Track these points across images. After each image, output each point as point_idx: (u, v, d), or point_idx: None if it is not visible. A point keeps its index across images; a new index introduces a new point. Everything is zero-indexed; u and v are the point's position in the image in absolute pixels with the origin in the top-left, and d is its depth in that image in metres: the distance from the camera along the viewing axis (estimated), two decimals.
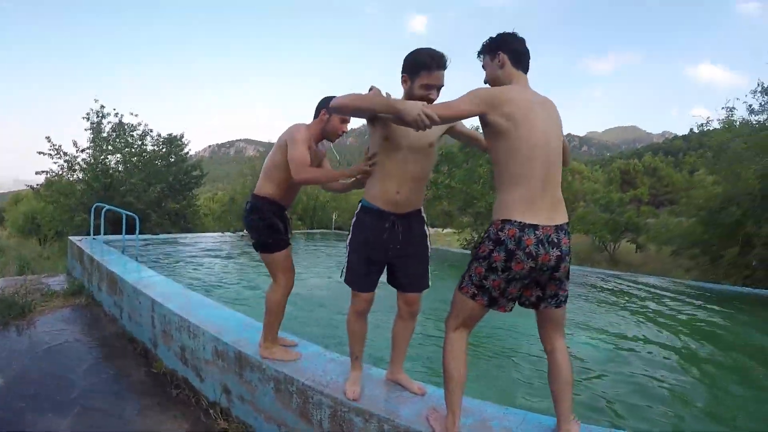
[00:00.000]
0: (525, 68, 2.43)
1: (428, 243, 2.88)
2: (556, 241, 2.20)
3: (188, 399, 3.82)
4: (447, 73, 2.54)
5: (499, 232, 2.20)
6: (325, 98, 3.16)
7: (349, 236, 2.80)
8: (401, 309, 2.86)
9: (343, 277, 2.79)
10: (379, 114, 2.48)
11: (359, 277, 2.74)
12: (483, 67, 2.52)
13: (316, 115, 3.22)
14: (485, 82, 2.50)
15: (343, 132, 3.24)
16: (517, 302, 2.40)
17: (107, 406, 3.70)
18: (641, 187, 38.64)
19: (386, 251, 2.71)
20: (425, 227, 2.87)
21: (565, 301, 2.38)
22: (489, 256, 2.22)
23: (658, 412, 4.20)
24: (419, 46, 2.72)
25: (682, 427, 3.98)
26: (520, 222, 2.18)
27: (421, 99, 2.46)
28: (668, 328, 7.41)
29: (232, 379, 3.41)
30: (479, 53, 2.52)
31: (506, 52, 2.41)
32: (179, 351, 4.09)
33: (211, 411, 3.57)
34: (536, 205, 2.21)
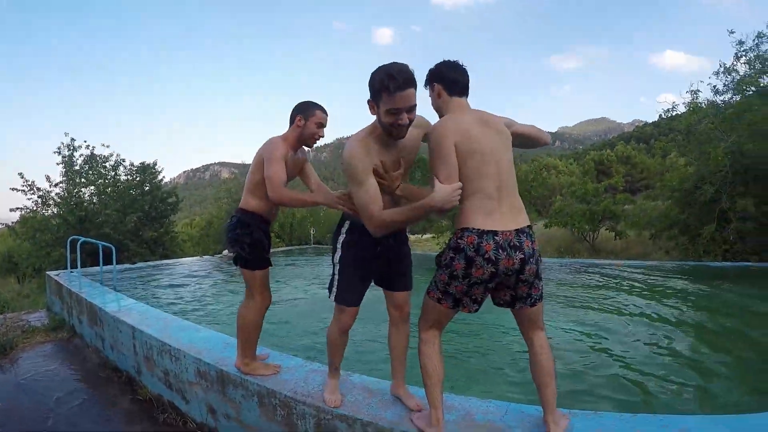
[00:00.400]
0: (461, 93, 2.50)
1: (408, 244, 2.95)
2: (518, 244, 2.27)
3: (175, 422, 3.85)
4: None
5: (459, 240, 2.28)
6: (300, 104, 3.16)
7: (338, 254, 2.75)
8: (392, 315, 2.86)
9: (332, 296, 2.76)
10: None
11: (351, 294, 2.73)
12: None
13: (291, 122, 3.17)
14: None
15: (320, 137, 3.18)
16: (493, 302, 2.49)
17: None
18: (616, 176, 39.13)
19: (381, 265, 2.75)
20: (405, 230, 2.91)
21: (540, 299, 2.44)
22: (450, 264, 2.30)
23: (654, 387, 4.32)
24: (388, 59, 2.60)
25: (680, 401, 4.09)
26: (479, 229, 2.26)
27: (391, 126, 2.32)
28: (654, 308, 7.59)
29: (216, 399, 3.44)
30: (424, 85, 2.57)
31: (440, 82, 2.50)
32: (162, 375, 4.11)
33: None
34: (494, 214, 2.29)
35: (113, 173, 19.05)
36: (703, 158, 17.16)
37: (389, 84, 2.20)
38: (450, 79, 2.49)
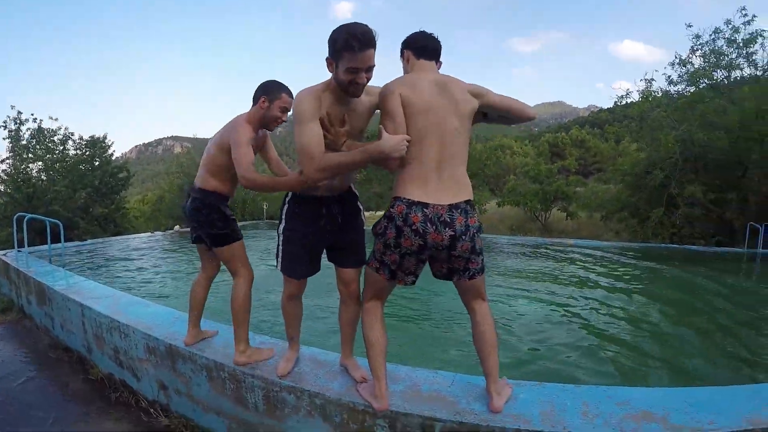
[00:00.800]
0: (430, 56, 2.50)
1: (363, 218, 2.90)
2: (449, 220, 2.25)
3: (128, 400, 3.80)
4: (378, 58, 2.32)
5: (391, 209, 2.31)
6: (266, 84, 3.04)
7: (282, 225, 2.75)
8: (340, 291, 2.85)
9: (278, 266, 2.76)
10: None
11: (297, 265, 2.73)
12: None
13: (254, 101, 3.02)
14: None
15: (283, 121, 3.07)
16: (432, 274, 2.51)
17: (47, 416, 3.62)
18: (569, 159, 40.02)
19: (325, 237, 2.72)
20: (358, 203, 2.88)
21: (480, 272, 2.43)
22: (384, 233, 2.33)
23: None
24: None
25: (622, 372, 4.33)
26: (408, 199, 2.26)
27: (349, 83, 2.32)
28: (603, 286, 7.95)
29: (167, 374, 3.42)
30: (401, 57, 2.59)
31: (410, 49, 2.52)
32: (113, 353, 4.05)
33: (151, 410, 3.57)
34: (429, 185, 2.28)
35: (62, 148, 18.58)
36: (654, 145, 18.01)
37: (353, 43, 2.20)
38: (419, 45, 2.51)
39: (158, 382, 3.54)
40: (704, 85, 17.61)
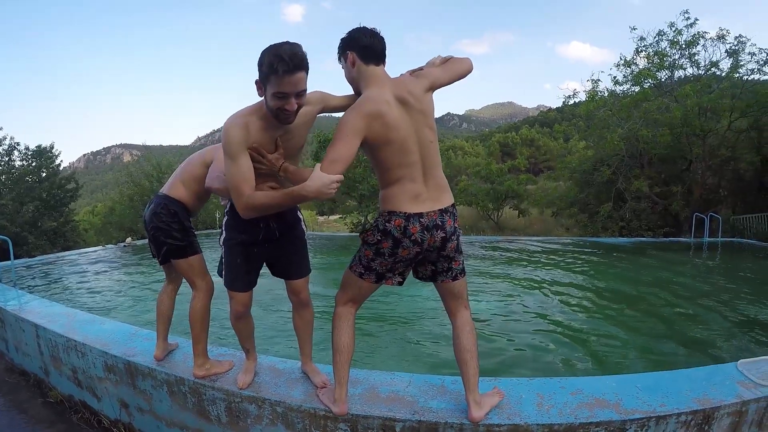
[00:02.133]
0: (377, 60, 2.34)
1: (303, 227, 2.87)
2: (440, 223, 2.32)
3: (90, 421, 3.74)
4: (324, 67, 2.08)
5: (387, 223, 2.30)
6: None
7: (223, 236, 2.68)
8: (292, 301, 2.88)
9: (223, 279, 2.71)
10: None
11: (236, 279, 2.65)
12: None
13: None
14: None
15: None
16: (414, 276, 2.56)
17: None
18: (519, 158, 40.86)
19: (264, 249, 2.67)
20: (298, 212, 2.85)
21: (462, 273, 2.49)
22: (378, 243, 2.33)
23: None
24: (298, 37, 2.19)
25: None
26: (406, 213, 2.28)
27: (278, 110, 2.18)
28: (557, 280, 8.24)
29: (127, 392, 3.40)
30: (338, 59, 2.44)
31: (353, 49, 2.34)
32: (71, 374, 3.99)
33: (113, 429, 3.54)
34: (420, 196, 2.32)
35: (7, 159, 18.00)
36: (601, 143, 18.64)
37: (278, 66, 2.05)
38: (364, 45, 2.32)
39: (119, 400, 3.52)
40: (648, 84, 18.34)
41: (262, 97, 2.26)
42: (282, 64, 2.04)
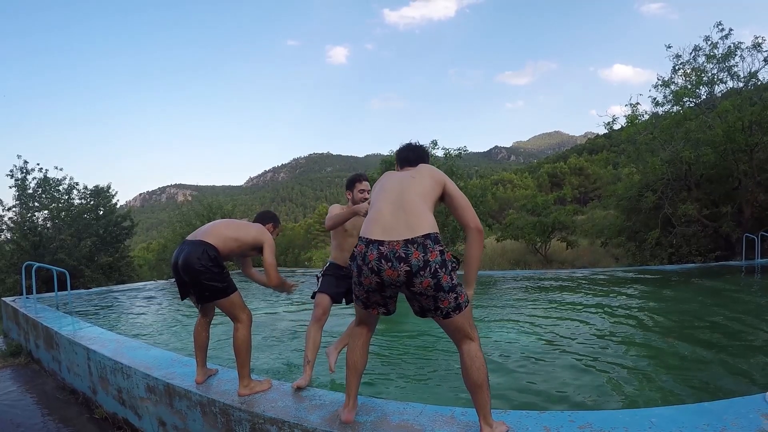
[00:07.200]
0: (403, 164, 3.04)
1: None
2: (404, 255, 2.25)
3: None
4: (370, 105, 2.66)
5: (354, 249, 2.51)
6: (268, 214, 4.13)
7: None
8: None
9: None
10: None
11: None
12: None
13: (263, 222, 3.94)
14: None
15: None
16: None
17: None
18: (565, 188, 40.22)
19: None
20: None
21: (456, 311, 2.37)
22: (352, 271, 2.52)
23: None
24: (342, 77, 3.08)
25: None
26: (367, 238, 2.39)
27: (362, 200, 4.00)
28: (607, 312, 7.95)
29: (165, 411, 3.67)
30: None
31: (396, 161, 3.14)
32: (116, 393, 4.31)
33: None
34: (385, 225, 2.40)
35: (67, 197, 18.83)
36: (645, 167, 17.94)
37: (358, 178, 4.21)
38: (401, 158, 3.07)
39: (158, 419, 3.79)
40: (689, 103, 17.71)
41: (350, 197, 4.24)
42: (360, 176, 4.30)
